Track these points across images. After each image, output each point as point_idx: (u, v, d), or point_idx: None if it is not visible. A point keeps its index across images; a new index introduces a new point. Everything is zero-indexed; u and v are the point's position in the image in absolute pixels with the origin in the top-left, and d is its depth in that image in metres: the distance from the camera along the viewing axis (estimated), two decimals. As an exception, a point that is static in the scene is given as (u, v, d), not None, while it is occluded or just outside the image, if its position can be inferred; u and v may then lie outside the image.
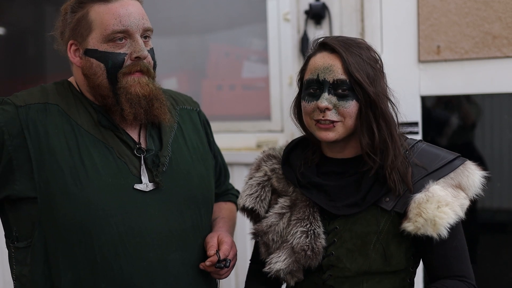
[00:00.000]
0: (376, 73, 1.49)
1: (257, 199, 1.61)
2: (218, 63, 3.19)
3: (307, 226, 1.50)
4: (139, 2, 1.60)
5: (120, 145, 1.58)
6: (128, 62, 1.54)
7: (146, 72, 1.56)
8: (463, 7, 2.50)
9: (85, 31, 1.54)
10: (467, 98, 2.66)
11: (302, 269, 1.52)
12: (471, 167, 1.50)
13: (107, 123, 1.58)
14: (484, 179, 1.50)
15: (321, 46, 1.52)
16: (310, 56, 1.54)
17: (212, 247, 1.61)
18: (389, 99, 1.51)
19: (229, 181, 1.96)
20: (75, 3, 1.56)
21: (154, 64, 1.61)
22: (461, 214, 1.45)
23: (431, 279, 1.53)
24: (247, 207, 1.62)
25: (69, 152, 1.52)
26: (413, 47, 2.60)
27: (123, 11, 1.53)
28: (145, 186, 1.56)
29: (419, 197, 1.44)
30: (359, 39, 1.54)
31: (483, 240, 2.78)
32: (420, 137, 2.60)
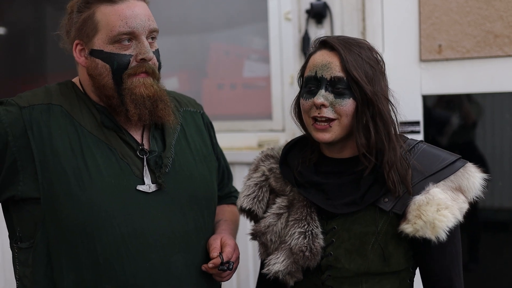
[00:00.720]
0: (375, 73, 1.48)
1: (255, 199, 1.61)
2: (219, 62, 3.19)
3: (304, 226, 1.49)
4: (145, 2, 1.59)
5: (123, 146, 1.58)
6: (133, 63, 1.54)
7: (151, 73, 1.56)
8: (465, 6, 2.50)
9: (91, 31, 1.54)
10: (468, 97, 2.66)
11: (301, 270, 1.51)
12: (471, 169, 1.49)
13: (110, 124, 1.58)
14: (484, 181, 1.49)
15: (322, 44, 1.52)
16: (310, 54, 1.55)
17: (215, 249, 1.61)
18: (389, 100, 1.50)
19: (232, 183, 1.96)
20: (82, 3, 1.56)
21: (159, 65, 1.61)
22: (460, 218, 1.44)
23: (424, 282, 1.54)
24: (244, 208, 1.62)
25: (72, 153, 1.52)
26: (415, 46, 2.59)
27: (129, 12, 1.52)
28: (148, 187, 1.56)
29: (419, 199, 1.43)
30: (362, 40, 1.54)
31: (484, 239, 2.78)
32: (421, 136, 2.60)
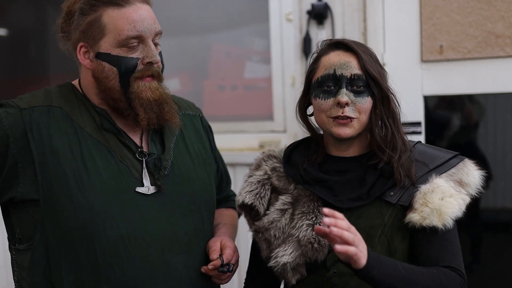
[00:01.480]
0: (383, 72, 1.54)
1: (257, 195, 1.60)
2: (219, 64, 3.19)
3: (312, 219, 1.50)
4: (149, 5, 1.60)
5: (122, 148, 1.58)
6: (140, 66, 1.54)
7: (156, 76, 1.57)
8: (466, 6, 2.49)
9: (97, 34, 1.54)
10: (470, 97, 2.65)
11: (305, 265, 1.51)
12: (470, 165, 1.53)
13: (109, 127, 1.58)
14: (483, 177, 1.52)
15: (334, 45, 1.54)
16: (320, 55, 1.56)
17: (215, 252, 1.61)
18: (395, 98, 1.55)
19: (230, 187, 1.96)
20: (86, 5, 1.55)
21: (162, 67, 1.62)
22: (463, 207, 1.46)
23: None
24: (246, 203, 1.60)
25: (72, 155, 1.52)
26: (416, 46, 2.59)
27: (136, 16, 1.53)
28: (147, 189, 1.56)
29: (424, 188, 1.46)
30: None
31: (486, 239, 2.78)
32: (423, 137, 2.60)
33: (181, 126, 1.73)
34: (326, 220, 1.24)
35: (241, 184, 1.67)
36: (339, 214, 1.27)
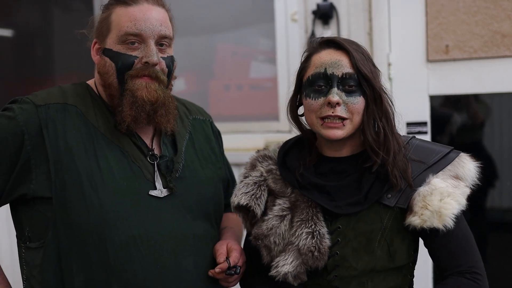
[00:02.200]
0: (375, 71, 1.51)
1: (253, 197, 1.59)
2: (225, 63, 3.19)
3: (312, 227, 1.49)
4: (165, 9, 1.61)
5: (135, 150, 1.59)
6: (138, 65, 1.55)
7: (155, 78, 1.56)
8: (472, 5, 2.49)
9: (105, 31, 1.57)
10: (476, 97, 2.65)
11: (305, 271, 1.51)
12: (466, 158, 1.52)
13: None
14: (478, 168, 1.51)
15: (325, 44, 1.52)
16: (311, 53, 1.54)
17: (221, 255, 1.61)
18: (389, 97, 1.52)
19: None
20: (104, 5, 1.62)
21: (169, 71, 1.60)
22: (463, 202, 1.46)
23: (439, 273, 1.53)
24: (241, 204, 1.59)
25: (85, 154, 1.53)
26: (422, 46, 2.59)
27: (140, 15, 1.54)
28: (160, 192, 1.57)
29: (423, 190, 1.45)
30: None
31: (492, 239, 2.77)
32: (429, 137, 2.59)
33: (191, 130, 1.73)
34: None
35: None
36: None
